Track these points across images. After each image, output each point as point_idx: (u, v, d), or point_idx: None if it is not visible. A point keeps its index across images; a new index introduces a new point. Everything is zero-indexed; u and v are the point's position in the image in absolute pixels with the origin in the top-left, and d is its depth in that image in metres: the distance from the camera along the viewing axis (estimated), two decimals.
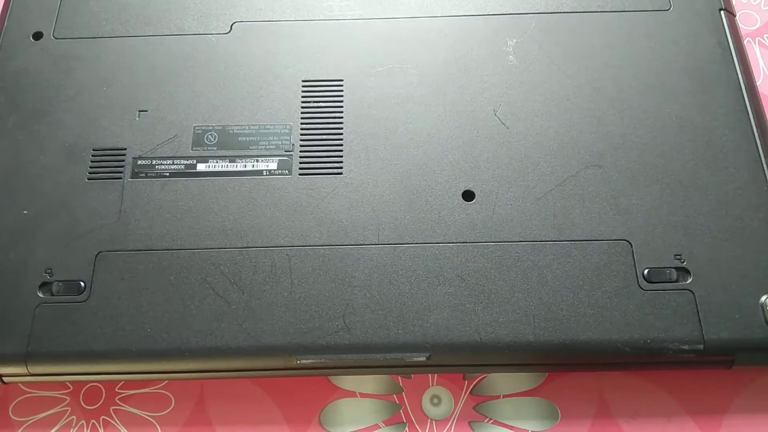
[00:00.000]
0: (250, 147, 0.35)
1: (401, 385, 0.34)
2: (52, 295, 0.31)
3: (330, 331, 0.30)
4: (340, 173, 0.34)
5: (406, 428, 0.33)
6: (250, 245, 0.32)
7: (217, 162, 0.34)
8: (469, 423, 0.33)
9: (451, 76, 0.36)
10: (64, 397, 0.33)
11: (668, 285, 0.31)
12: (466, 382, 0.34)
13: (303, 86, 0.36)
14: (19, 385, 0.34)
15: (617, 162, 0.34)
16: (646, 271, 0.31)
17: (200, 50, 0.37)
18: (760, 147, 0.34)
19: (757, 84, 0.37)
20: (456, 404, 0.33)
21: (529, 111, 0.35)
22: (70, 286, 0.31)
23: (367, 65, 0.37)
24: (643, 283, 0.31)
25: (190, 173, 0.34)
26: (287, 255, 0.32)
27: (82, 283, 0.31)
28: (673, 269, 0.31)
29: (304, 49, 0.37)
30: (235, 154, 0.34)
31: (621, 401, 0.33)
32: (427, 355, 0.30)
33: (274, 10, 0.39)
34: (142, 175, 0.34)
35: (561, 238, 0.32)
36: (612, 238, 0.32)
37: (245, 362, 0.31)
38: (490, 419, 0.33)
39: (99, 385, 0.34)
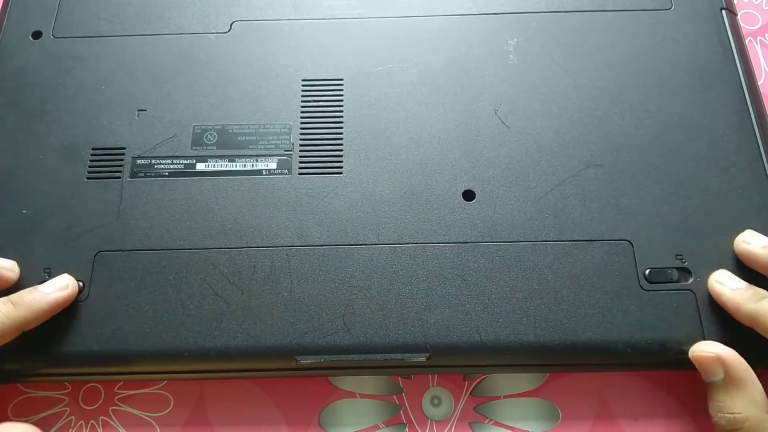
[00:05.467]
0: (250, 146, 0.35)
1: (401, 385, 0.34)
2: None
3: (330, 331, 0.30)
4: (340, 173, 0.34)
5: (406, 429, 0.33)
6: (249, 245, 0.32)
7: (216, 161, 0.34)
8: (470, 424, 0.33)
9: (451, 76, 0.36)
10: (63, 397, 0.33)
11: (669, 285, 0.31)
12: (467, 382, 0.34)
13: (303, 85, 0.36)
14: (18, 385, 0.34)
15: (618, 162, 0.34)
16: (647, 272, 0.31)
17: (200, 49, 0.37)
18: (761, 147, 0.34)
19: (759, 83, 0.36)
20: (456, 405, 0.33)
21: (530, 110, 0.35)
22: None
23: (367, 64, 0.37)
24: (645, 284, 0.31)
25: (190, 173, 0.34)
26: (287, 255, 0.32)
27: (81, 283, 0.31)
28: (675, 269, 0.31)
29: (304, 48, 0.37)
30: (235, 154, 0.34)
31: (622, 402, 0.33)
32: (428, 355, 0.30)
33: (273, 9, 0.39)
34: (141, 174, 0.34)
35: (562, 238, 0.32)
36: (613, 238, 0.32)
37: (244, 362, 0.31)
38: (491, 420, 0.33)
39: (98, 385, 0.34)
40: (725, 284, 0.30)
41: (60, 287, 0.30)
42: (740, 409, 0.26)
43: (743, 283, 0.30)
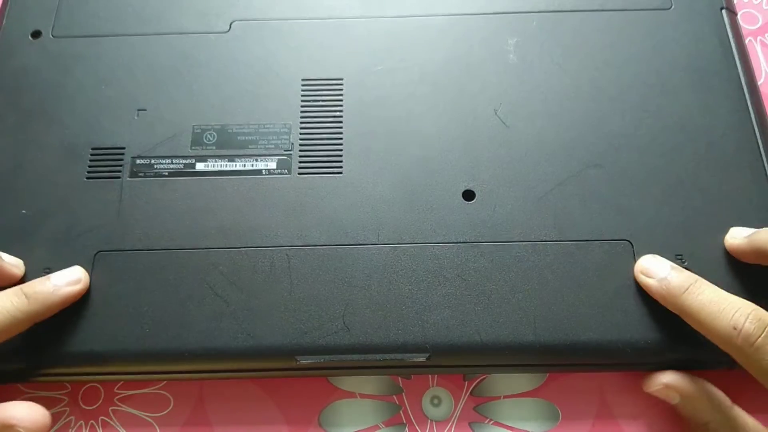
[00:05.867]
0: (250, 146, 0.35)
1: (401, 385, 0.34)
2: None
3: (329, 331, 0.30)
4: (340, 173, 0.34)
5: (406, 429, 0.33)
6: (249, 245, 0.32)
7: (216, 161, 0.34)
8: (470, 424, 0.33)
9: (451, 75, 0.36)
10: (62, 397, 0.33)
11: None
12: (467, 382, 0.34)
13: (303, 85, 0.36)
14: (18, 385, 0.34)
15: (618, 162, 0.34)
16: None
17: (199, 49, 0.37)
18: (761, 147, 0.34)
19: (759, 83, 0.36)
20: (456, 405, 0.33)
21: (530, 110, 0.35)
22: None
23: (367, 64, 0.37)
24: None
25: (189, 172, 0.34)
26: (286, 255, 0.32)
27: None
28: None
29: (304, 47, 0.37)
30: (234, 154, 0.34)
31: (622, 402, 0.33)
32: (427, 355, 0.30)
33: (273, 8, 0.38)
34: (140, 174, 0.34)
35: (561, 238, 0.32)
36: (613, 238, 0.32)
37: (244, 363, 0.31)
38: (491, 420, 0.33)
39: (98, 385, 0.34)
40: (651, 275, 0.30)
41: (72, 281, 0.30)
42: (706, 418, 0.29)
43: (667, 270, 0.30)
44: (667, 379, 0.30)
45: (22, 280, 0.31)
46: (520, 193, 0.33)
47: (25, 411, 0.27)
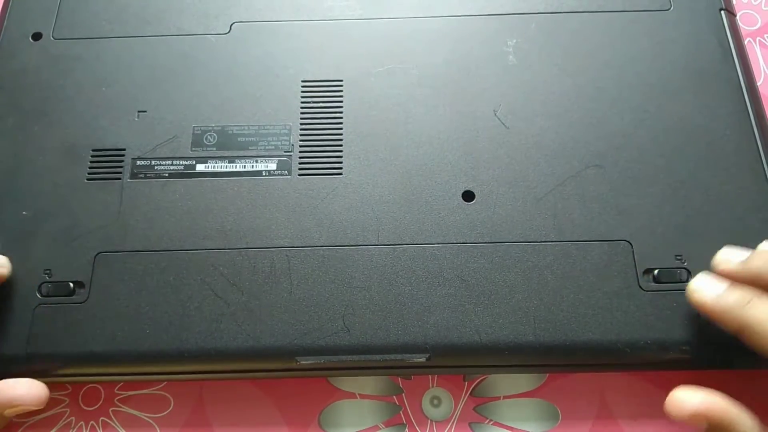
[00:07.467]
0: (250, 147, 0.35)
1: (401, 386, 0.34)
2: (51, 296, 0.31)
3: (329, 332, 0.30)
4: (340, 174, 0.34)
5: (406, 429, 0.33)
6: (249, 246, 0.32)
7: (216, 162, 0.34)
8: (470, 424, 0.33)
9: (451, 76, 0.36)
10: (63, 398, 0.33)
11: (669, 285, 0.31)
12: (467, 383, 0.34)
13: (302, 86, 0.36)
14: None
15: (618, 162, 0.34)
16: (656, 272, 0.31)
17: (199, 50, 0.37)
18: (760, 147, 0.34)
19: (758, 84, 0.36)
20: (456, 405, 0.33)
21: (530, 111, 0.35)
22: (69, 287, 0.31)
23: (366, 65, 0.37)
24: (644, 284, 0.31)
25: (189, 174, 0.34)
26: (287, 256, 0.32)
27: (81, 284, 0.31)
28: (674, 270, 0.31)
29: (304, 49, 0.37)
30: (235, 155, 0.34)
31: (622, 402, 0.33)
32: (427, 356, 0.30)
33: (273, 10, 0.39)
34: (141, 175, 0.34)
35: (561, 239, 0.32)
36: (612, 239, 0.32)
37: (244, 363, 0.31)
38: (491, 420, 0.33)
39: (98, 386, 0.34)
40: (705, 291, 0.28)
41: None
42: None
43: (724, 286, 0.28)
44: (693, 406, 0.26)
45: (11, 279, 0.31)
46: (520, 194, 0.33)
47: (26, 388, 0.29)
